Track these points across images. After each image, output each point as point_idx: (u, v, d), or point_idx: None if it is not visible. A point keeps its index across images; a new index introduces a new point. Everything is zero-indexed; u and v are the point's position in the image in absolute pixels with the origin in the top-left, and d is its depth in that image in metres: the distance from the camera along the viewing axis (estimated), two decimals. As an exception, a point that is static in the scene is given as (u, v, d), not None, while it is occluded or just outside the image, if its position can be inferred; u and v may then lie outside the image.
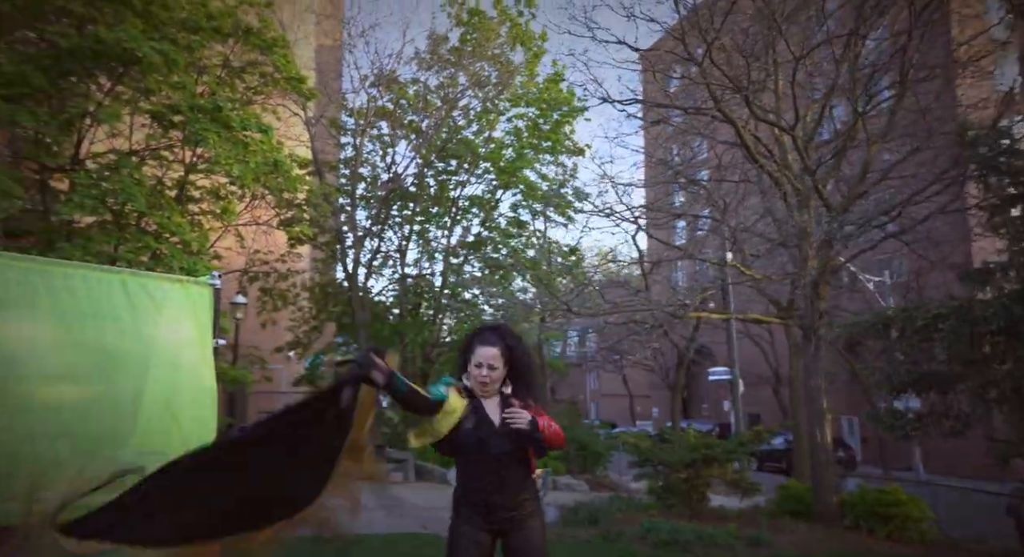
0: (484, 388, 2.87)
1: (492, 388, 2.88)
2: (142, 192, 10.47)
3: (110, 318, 3.41)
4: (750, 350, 26.17)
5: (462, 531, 2.83)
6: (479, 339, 2.91)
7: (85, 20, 11.00)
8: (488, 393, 2.89)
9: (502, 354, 2.85)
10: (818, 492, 9.29)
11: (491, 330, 2.98)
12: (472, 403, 2.86)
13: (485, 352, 2.84)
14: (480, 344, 2.87)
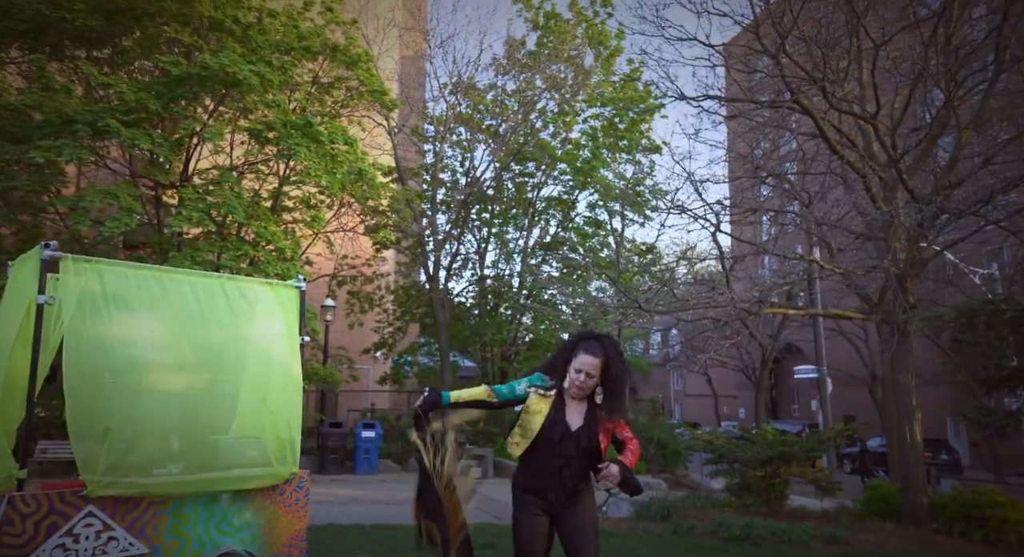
0: (580, 394, 3.06)
1: (586, 394, 3.08)
2: (241, 204, 11.38)
3: (212, 318, 3.91)
4: (843, 349, 25.04)
5: (524, 519, 3.08)
6: (585, 346, 3.06)
7: (193, 49, 12.09)
8: (579, 396, 3.09)
9: (602, 365, 3.02)
10: (906, 492, 8.92)
11: (596, 340, 3.11)
12: (555, 403, 3.08)
13: (587, 360, 3.01)
14: (585, 352, 3.03)
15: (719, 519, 7.70)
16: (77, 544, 3.33)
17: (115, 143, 12.26)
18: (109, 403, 3.44)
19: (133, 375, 3.54)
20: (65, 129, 10.25)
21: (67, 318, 3.45)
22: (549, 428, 3.01)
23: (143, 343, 3.61)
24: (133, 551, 3.50)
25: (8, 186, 10.43)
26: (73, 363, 3.40)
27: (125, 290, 3.64)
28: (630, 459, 3.04)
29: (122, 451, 3.44)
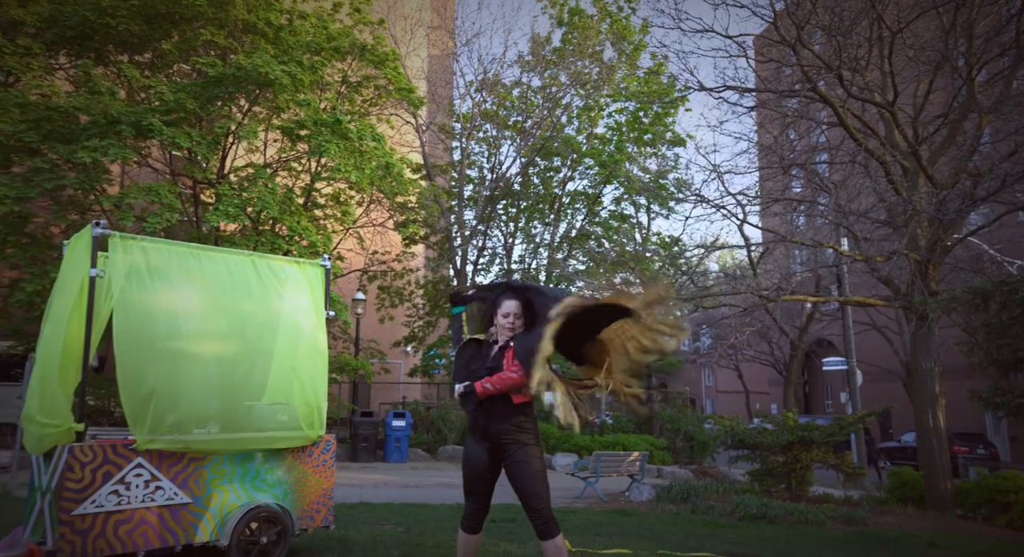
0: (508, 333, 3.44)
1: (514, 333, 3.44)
2: (275, 200, 11.83)
3: (244, 291, 4.25)
4: (877, 344, 24.68)
5: (466, 447, 3.53)
6: (503, 296, 3.53)
7: (228, 51, 12.61)
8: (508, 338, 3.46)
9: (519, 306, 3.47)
10: (930, 478, 8.92)
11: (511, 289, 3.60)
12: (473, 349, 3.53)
13: (508, 304, 3.47)
14: (504, 299, 3.50)
15: (737, 500, 7.83)
16: (128, 491, 3.69)
17: (156, 143, 12.86)
18: (154, 366, 3.79)
19: (175, 341, 3.89)
20: (110, 129, 10.81)
21: (116, 290, 3.81)
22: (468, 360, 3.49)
23: (183, 313, 3.96)
24: (177, 500, 3.85)
25: (58, 185, 11.02)
26: (122, 330, 3.76)
27: (167, 265, 3.99)
28: (490, 382, 3.31)
29: (166, 410, 3.79)
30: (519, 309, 3.46)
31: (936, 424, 9.11)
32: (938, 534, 6.82)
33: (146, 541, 3.74)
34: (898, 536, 6.65)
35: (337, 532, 5.43)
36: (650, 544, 5.32)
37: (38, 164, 11.19)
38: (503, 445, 3.33)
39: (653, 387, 3.97)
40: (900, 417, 26.77)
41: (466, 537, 3.44)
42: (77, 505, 3.53)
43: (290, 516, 4.22)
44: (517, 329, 3.45)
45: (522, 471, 3.27)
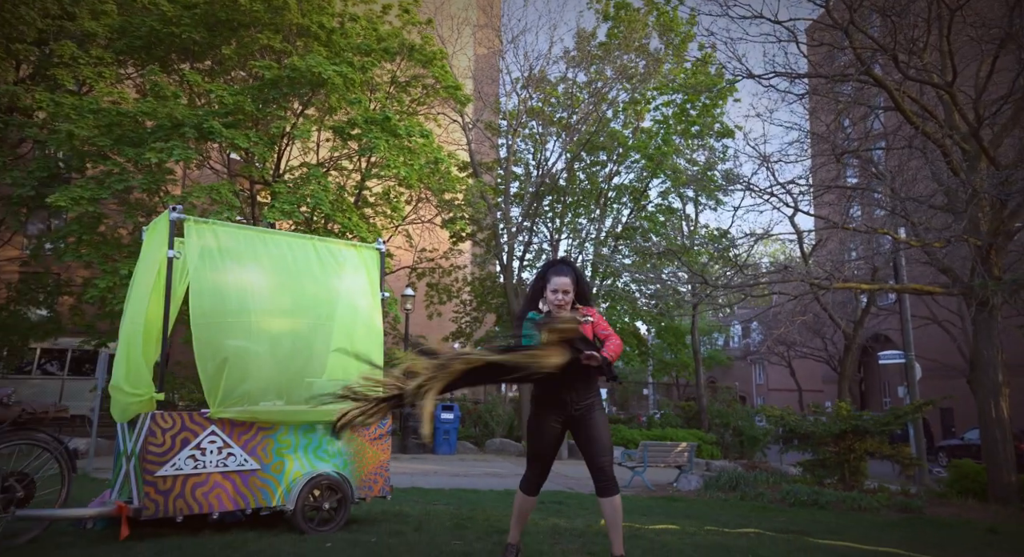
0: (561, 311, 3.55)
1: (567, 308, 3.59)
2: (328, 197, 12.24)
3: (306, 271, 4.50)
4: (938, 339, 23.79)
5: (539, 421, 3.58)
6: (554, 271, 3.62)
7: (283, 54, 13.11)
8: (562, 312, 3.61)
9: (572, 281, 3.58)
10: (992, 470, 8.66)
11: (560, 263, 3.71)
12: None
13: (560, 280, 3.56)
14: (555, 274, 3.59)
15: (787, 488, 7.77)
16: (204, 456, 3.97)
17: (215, 146, 13.47)
18: (226, 339, 4.07)
19: (244, 316, 4.16)
20: (175, 132, 11.40)
21: (191, 269, 4.10)
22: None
23: (251, 290, 4.24)
24: (247, 466, 4.12)
25: (127, 186, 11.66)
26: (197, 306, 4.05)
27: (236, 246, 4.28)
28: (609, 352, 3.44)
29: (236, 381, 4.06)
30: (571, 285, 3.56)
31: (999, 414, 8.82)
32: (999, 523, 6.64)
33: (220, 503, 4.02)
34: (956, 523, 6.50)
35: (393, 505, 5.66)
36: (697, 522, 5.38)
37: (110, 166, 11.88)
38: (584, 409, 3.50)
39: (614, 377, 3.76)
40: (963, 415, 25.74)
41: (524, 497, 3.61)
42: (159, 467, 3.83)
43: (350, 485, 4.46)
44: (566, 305, 3.57)
45: (599, 432, 3.47)
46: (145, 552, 3.42)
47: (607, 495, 3.42)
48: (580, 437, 3.52)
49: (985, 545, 5.26)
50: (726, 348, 41.26)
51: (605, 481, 3.43)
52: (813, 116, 14.54)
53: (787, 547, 4.37)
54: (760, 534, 4.86)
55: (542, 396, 3.59)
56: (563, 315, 3.40)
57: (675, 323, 22.92)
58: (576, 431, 3.54)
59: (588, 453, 3.49)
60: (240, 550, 3.55)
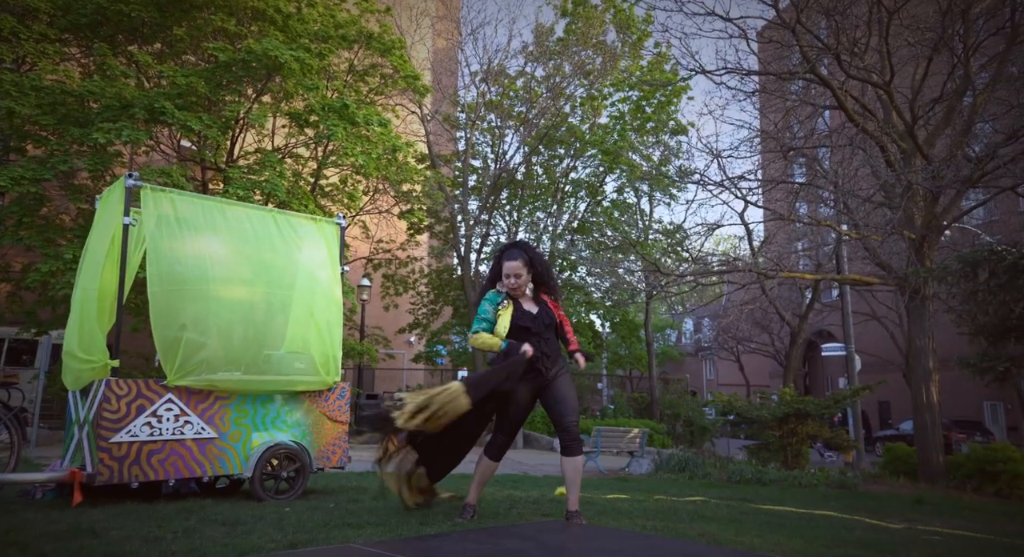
0: (516, 292, 3.76)
1: (522, 290, 3.77)
2: (283, 183, 12.07)
3: (265, 242, 4.51)
4: (877, 335, 24.89)
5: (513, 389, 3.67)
6: (506, 256, 3.78)
7: (237, 38, 12.86)
8: (520, 294, 3.79)
9: (524, 264, 3.72)
10: (922, 452, 9.17)
11: (512, 247, 3.87)
12: (514, 305, 3.77)
13: (511, 265, 3.71)
14: (507, 259, 3.74)
15: (733, 468, 8.08)
16: (160, 424, 3.96)
17: (166, 131, 13.11)
18: (184, 306, 4.06)
19: (202, 284, 4.16)
20: (124, 113, 11.07)
21: (148, 238, 4.07)
22: (519, 319, 3.70)
23: (210, 258, 4.23)
24: (204, 435, 4.12)
25: (70, 167, 11.27)
26: (154, 273, 4.02)
27: (194, 215, 4.26)
28: (575, 341, 3.86)
29: (194, 348, 4.05)
30: (522, 268, 3.70)
31: (930, 400, 9.34)
32: (925, 495, 7.06)
33: (176, 470, 4.00)
34: (887, 496, 6.89)
35: (351, 480, 5.70)
36: (647, 493, 5.58)
37: (53, 146, 11.46)
38: (556, 374, 3.69)
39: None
40: (899, 409, 26.97)
41: (488, 463, 3.75)
42: (114, 433, 3.80)
43: (308, 454, 4.49)
44: (522, 286, 3.72)
45: (567, 392, 3.67)
46: (99, 517, 3.39)
47: (571, 454, 3.59)
48: (549, 399, 3.67)
49: (911, 511, 5.62)
50: (678, 344, 42.21)
51: (571, 441, 3.60)
52: (763, 115, 15.06)
53: (730, 510, 4.59)
54: (706, 501, 5.08)
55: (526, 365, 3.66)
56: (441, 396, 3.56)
57: (630, 316, 23.36)
58: (546, 395, 3.69)
59: (557, 413, 3.64)
60: (197, 514, 3.56)
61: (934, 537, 4.03)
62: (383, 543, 2.89)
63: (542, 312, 3.75)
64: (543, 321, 3.71)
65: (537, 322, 3.70)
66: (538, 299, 3.82)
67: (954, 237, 12.65)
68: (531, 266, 3.75)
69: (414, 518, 3.81)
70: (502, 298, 3.76)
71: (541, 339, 3.67)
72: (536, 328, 3.68)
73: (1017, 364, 7.47)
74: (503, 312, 3.71)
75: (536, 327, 3.68)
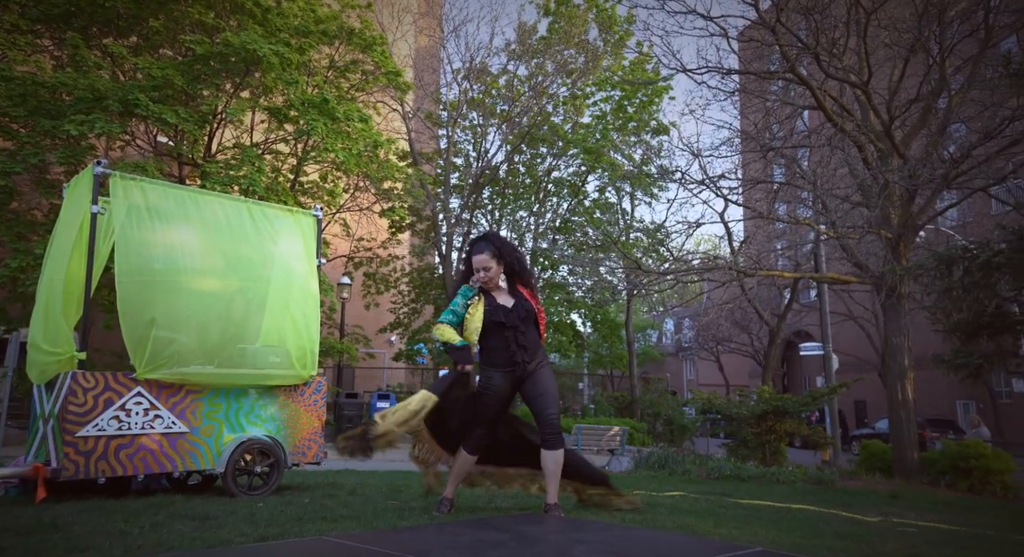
0: (488, 284, 3.69)
1: (494, 283, 3.71)
2: (262, 178, 11.91)
3: (239, 233, 4.42)
4: (854, 335, 25.21)
5: (491, 384, 3.65)
6: (474, 250, 3.72)
7: (215, 31, 12.67)
8: (493, 287, 3.72)
9: (493, 255, 3.66)
10: (897, 448, 9.27)
11: (480, 240, 3.78)
12: (486, 299, 3.70)
13: (480, 259, 3.66)
14: (475, 254, 3.69)
15: (712, 464, 8.11)
16: (129, 417, 3.86)
17: (141, 126, 12.88)
18: (154, 297, 3.96)
19: (172, 276, 4.06)
20: (97, 105, 10.85)
21: (118, 227, 3.97)
22: (491, 314, 3.63)
23: (181, 250, 4.13)
24: (175, 429, 4.02)
25: (41, 160, 11.02)
26: (123, 263, 3.92)
27: (165, 205, 4.16)
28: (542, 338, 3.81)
29: (165, 341, 3.95)
30: (489, 260, 3.64)
31: (905, 397, 9.45)
32: (900, 490, 7.13)
33: (145, 465, 3.90)
34: (863, 491, 6.95)
35: (326, 477, 5.62)
36: (626, 489, 5.56)
37: (23, 139, 11.20)
38: (535, 366, 3.63)
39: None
40: (875, 408, 27.35)
41: (467, 457, 3.68)
42: (80, 427, 3.69)
43: (283, 450, 4.41)
44: (492, 281, 3.67)
45: (547, 385, 3.62)
46: (63, 512, 3.29)
47: (552, 448, 3.54)
48: (530, 392, 3.62)
49: (886, 505, 5.67)
50: (659, 344, 42.44)
51: (552, 434, 3.56)
52: (743, 115, 15.17)
53: (708, 504, 4.59)
54: (684, 496, 5.08)
55: (494, 359, 3.65)
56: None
57: (611, 315, 23.42)
58: (525, 388, 3.64)
59: (538, 406, 3.59)
60: (166, 509, 3.47)
61: (909, 529, 4.06)
62: (357, 535, 2.83)
63: (518, 305, 3.69)
64: (518, 314, 3.66)
65: (511, 316, 3.64)
66: (514, 291, 3.75)
67: (929, 238, 12.83)
68: (500, 257, 3.68)
69: (391, 512, 3.76)
70: (474, 293, 3.70)
71: (517, 332, 3.62)
72: (510, 322, 3.63)
73: (990, 360, 7.59)
74: (474, 308, 3.65)
75: (510, 321, 3.63)
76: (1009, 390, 24.06)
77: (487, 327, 3.62)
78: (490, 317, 3.61)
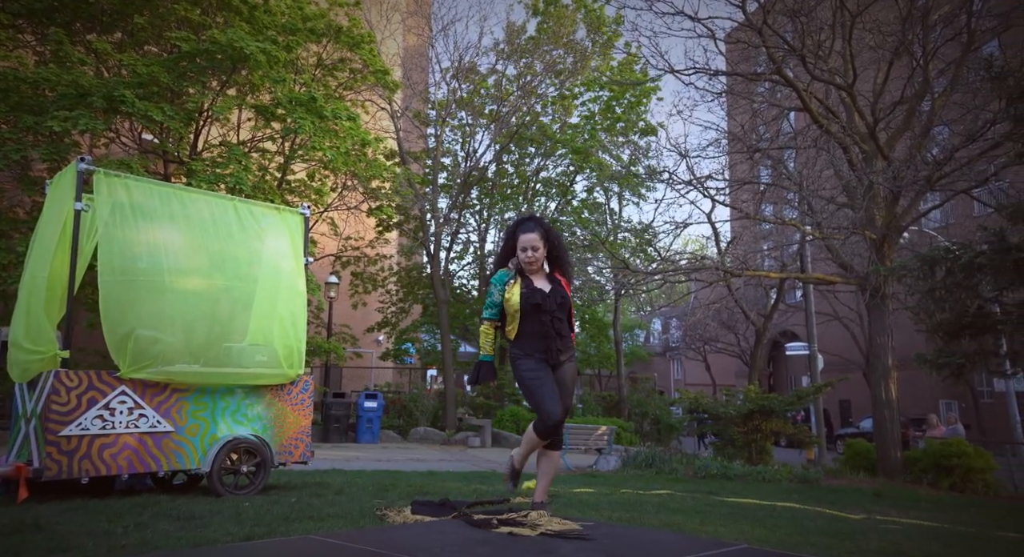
0: (531, 267, 3.51)
1: (538, 265, 3.54)
2: (248, 176, 11.83)
3: (225, 231, 4.39)
4: (839, 336, 25.42)
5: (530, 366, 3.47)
6: (522, 229, 3.56)
7: (201, 28, 12.56)
8: (535, 270, 3.55)
9: (542, 236, 3.50)
10: (881, 447, 9.37)
11: (529, 220, 3.64)
12: (523, 282, 3.53)
13: (528, 237, 3.48)
14: (523, 232, 3.52)
15: (699, 464, 8.15)
16: (113, 417, 3.82)
17: (126, 123, 12.75)
18: (137, 297, 3.93)
19: (156, 275, 4.02)
20: (81, 101, 10.73)
21: (101, 226, 3.93)
22: (528, 297, 3.45)
23: (166, 249, 4.10)
24: (160, 428, 3.99)
25: (23, 157, 10.88)
26: (106, 263, 3.88)
27: (149, 202, 4.13)
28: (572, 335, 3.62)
29: (149, 340, 3.92)
30: (539, 240, 3.47)
31: (888, 396, 9.55)
32: (884, 489, 7.21)
33: (130, 465, 3.87)
34: (847, 490, 7.02)
35: (314, 476, 5.59)
36: (613, 487, 5.59)
37: (5, 135, 11.05)
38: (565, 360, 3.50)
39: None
40: (859, 407, 27.62)
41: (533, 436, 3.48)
42: (63, 427, 3.65)
43: (269, 449, 4.38)
44: (538, 260, 3.49)
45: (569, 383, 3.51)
46: (45, 512, 3.26)
47: (555, 449, 3.49)
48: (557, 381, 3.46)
49: (870, 503, 5.73)
50: (646, 344, 42.62)
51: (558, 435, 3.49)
52: (730, 117, 15.28)
53: (695, 502, 4.62)
54: (671, 494, 5.10)
55: (527, 346, 3.49)
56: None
57: (599, 315, 23.50)
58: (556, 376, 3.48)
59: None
60: (151, 509, 3.44)
61: (892, 526, 4.10)
62: (343, 534, 2.82)
63: (555, 291, 3.50)
64: (555, 300, 3.47)
65: (549, 300, 3.45)
66: (552, 278, 3.57)
67: (912, 239, 12.97)
68: (547, 240, 3.52)
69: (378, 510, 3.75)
70: (510, 276, 3.53)
71: (554, 318, 3.46)
72: (548, 306, 3.45)
73: (971, 360, 7.69)
74: (511, 290, 3.49)
75: (548, 305, 3.45)
76: (990, 390, 24.39)
77: (524, 311, 3.46)
78: (527, 300, 3.44)
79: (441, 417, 17.41)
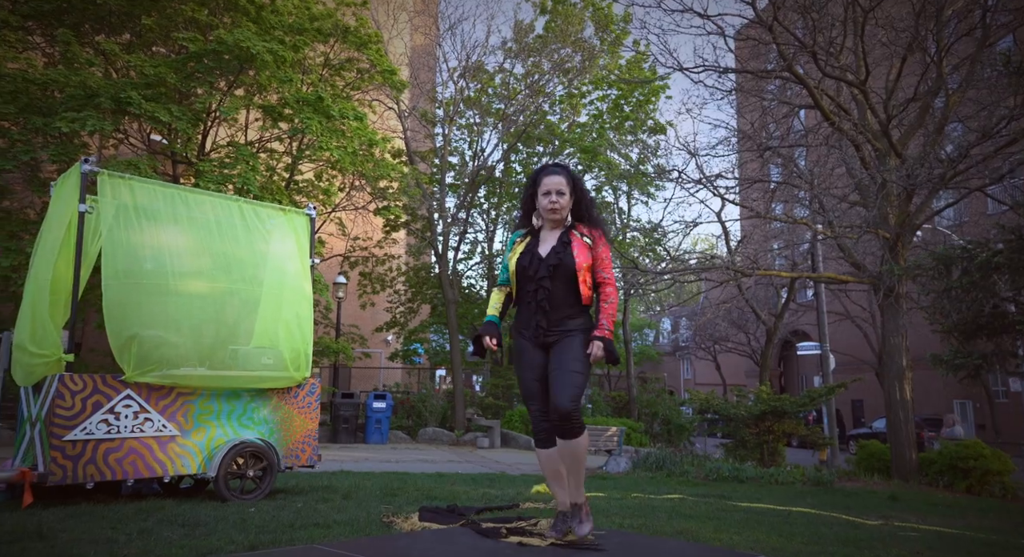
0: (555, 215, 3.00)
1: (562, 215, 3.02)
2: (256, 176, 11.82)
3: (230, 233, 4.34)
4: (850, 335, 25.20)
5: (519, 350, 3.08)
6: (546, 172, 3.12)
7: (209, 28, 12.56)
8: (558, 221, 3.04)
9: (567, 181, 3.02)
10: (896, 449, 9.23)
11: (553, 165, 3.17)
12: (529, 242, 3.07)
13: (553, 180, 3.01)
14: (547, 175, 3.07)
15: (710, 466, 8.05)
16: (118, 421, 3.78)
17: (135, 124, 12.77)
18: (141, 301, 3.88)
19: (160, 278, 3.98)
20: (89, 102, 10.75)
21: (105, 227, 3.89)
22: (521, 261, 3.03)
23: (170, 251, 4.06)
24: (166, 432, 3.94)
25: (33, 158, 10.91)
26: (110, 266, 3.84)
27: (154, 204, 4.08)
28: (607, 326, 3.01)
29: (153, 344, 3.87)
30: (564, 184, 2.99)
31: (903, 396, 9.41)
32: (899, 491, 7.09)
33: (135, 470, 3.83)
34: (862, 493, 6.91)
35: (321, 480, 5.54)
36: (625, 491, 5.51)
37: (15, 136, 11.09)
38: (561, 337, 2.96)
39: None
40: (872, 407, 27.38)
41: (545, 453, 3.05)
42: (68, 431, 3.61)
43: (276, 453, 4.33)
44: (563, 208, 2.98)
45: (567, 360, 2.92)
46: (49, 518, 3.22)
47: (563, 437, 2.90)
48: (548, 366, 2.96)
49: (886, 508, 5.62)
50: (656, 344, 42.46)
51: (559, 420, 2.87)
52: (740, 114, 15.14)
53: (708, 507, 4.53)
54: (683, 499, 5.02)
55: (517, 319, 3.10)
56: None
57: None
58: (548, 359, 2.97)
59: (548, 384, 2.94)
60: (155, 515, 3.39)
61: (911, 533, 4.00)
62: (348, 543, 2.76)
63: (552, 253, 2.95)
64: (547, 264, 2.93)
65: (535, 265, 2.95)
66: (564, 238, 3.00)
67: (926, 238, 12.80)
68: (574, 189, 3.04)
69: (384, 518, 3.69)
70: (520, 236, 3.14)
71: (540, 287, 2.93)
72: (532, 272, 2.95)
73: (988, 361, 7.55)
74: (515, 250, 3.07)
75: (533, 270, 2.95)
76: (1006, 390, 24.11)
77: (516, 277, 3.02)
78: (519, 263, 3.00)
79: (450, 417, 17.38)
